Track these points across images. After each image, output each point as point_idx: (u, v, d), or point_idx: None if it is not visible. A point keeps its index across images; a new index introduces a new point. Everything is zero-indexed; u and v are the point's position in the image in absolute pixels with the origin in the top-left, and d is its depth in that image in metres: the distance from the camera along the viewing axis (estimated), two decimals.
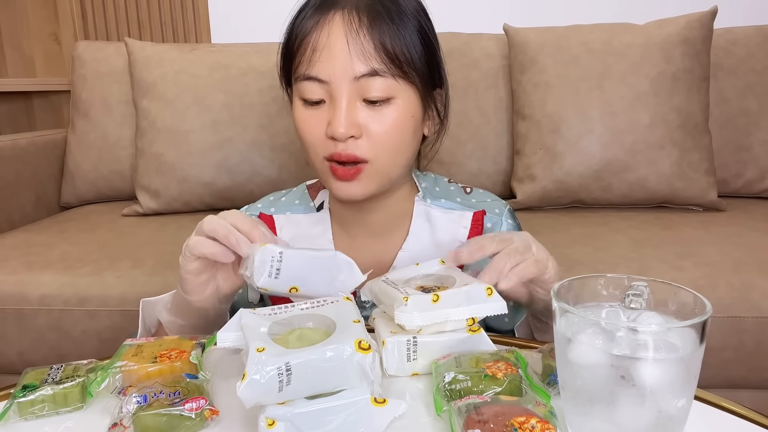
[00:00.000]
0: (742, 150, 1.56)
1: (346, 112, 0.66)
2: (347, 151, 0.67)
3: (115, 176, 1.69)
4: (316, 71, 0.67)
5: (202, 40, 2.03)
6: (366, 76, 0.66)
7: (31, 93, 2.01)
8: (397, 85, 0.67)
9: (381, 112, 0.68)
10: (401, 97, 0.68)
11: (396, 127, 0.69)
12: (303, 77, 0.68)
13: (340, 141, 0.67)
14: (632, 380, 0.39)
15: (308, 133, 0.70)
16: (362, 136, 0.67)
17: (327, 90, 0.67)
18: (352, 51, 0.65)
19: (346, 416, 0.44)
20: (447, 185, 0.84)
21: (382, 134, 0.68)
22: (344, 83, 0.66)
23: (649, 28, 1.50)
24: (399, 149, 0.71)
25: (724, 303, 1.05)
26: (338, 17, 0.66)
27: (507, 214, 0.81)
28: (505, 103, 1.60)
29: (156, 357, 0.54)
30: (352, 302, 0.52)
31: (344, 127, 0.66)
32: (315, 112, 0.69)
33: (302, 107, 0.70)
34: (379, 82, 0.66)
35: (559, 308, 0.43)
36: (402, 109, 0.69)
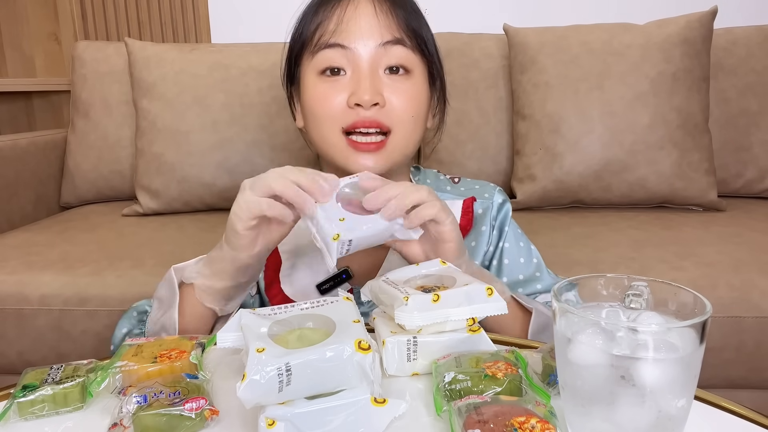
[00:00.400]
0: (742, 150, 1.56)
1: (371, 79, 0.69)
2: (374, 117, 0.69)
3: (115, 176, 1.69)
4: (342, 38, 0.69)
5: (202, 40, 2.03)
6: (390, 43, 0.69)
7: (31, 93, 2.01)
8: (415, 58, 0.72)
9: (401, 83, 0.71)
10: (417, 71, 0.72)
11: (414, 99, 0.71)
12: (325, 45, 0.70)
13: (365, 108, 0.68)
14: (632, 380, 0.39)
15: (326, 105, 0.71)
16: (385, 105, 0.70)
17: (350, 59, 0.70)
18: (381, 20, 0.69)
19: (346, 416, 0.44)
20: (436, 176, 0.86)
21: (402, 105, 0.70)
22: (369, 51, 0.69)
23: (649, 28, 1.50)
24: (416, 123, 0.73)
25: (724, 303, 1.05)
26: (363, 2, 0.71)
27: (497, 194, 0.83)
28: (505, 103, 1.60)
29: (156, 357, 0.54)
30: (351, 302, 0.52)
31: (370, 93, 0.68)
32: (333, 83, 0.71)
33: (318, 80, 0.72)
34: (401, 50, 0.70)
35: (559, 308, 0.43)
36: (419, 83, 0.72)
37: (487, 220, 0.80)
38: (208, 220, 1.49)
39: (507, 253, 0.81)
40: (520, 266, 0.81)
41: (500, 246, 0.81)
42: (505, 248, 0.81)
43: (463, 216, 0.80)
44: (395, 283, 0.59)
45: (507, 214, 0.82)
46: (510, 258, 0.81)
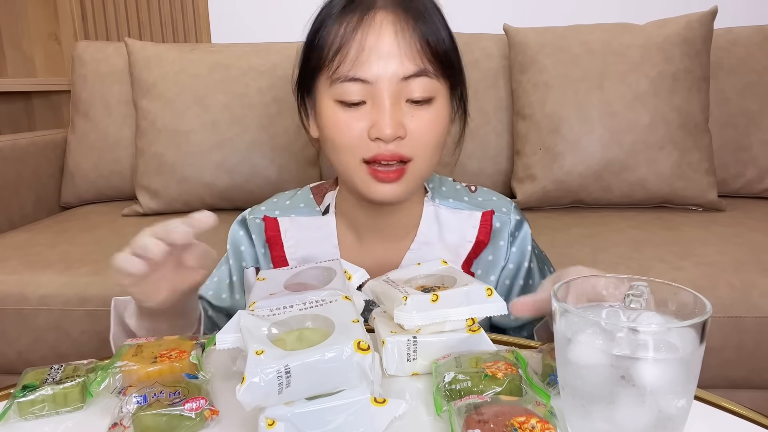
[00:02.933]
0: (742, 150, 1.56)
1: (392, 112, 0.66)
2: (396, 150, 0.67)
3: (115, 176, 1.69)
4: (362, 72, 0.66)
5: (202, 40, 2.03)
6: (413, 77, 0.66)
7: (31, 93, 2.01)
8: (438, 85, 0.69)
9: (423, 112, 0.68)
10: (440, 97, 0.69)
11: (435, 126, 0.69)
12: (345, 78, 0.66)
13: (386, 142, 0.66)
14: (632, 380, 0.39)
15: (346, 135, 0.68)
16: (407, 136, 0.67)
17: (369, 91, 0.66)
18: (403, 51, 0.65)
19: (346, 416, 0.44)
20: (452, 184, 0.84)
21: (423, 134, 0.68)
22: (392, 84, 0.66)
23: (649, 28, 1.50)
24: (436, 149, 0.71)
25: (724, 303, 1.05)
26: (381, 17, 0.66)
27: (514, 211, 0.81)
28: (505, 103, 1.60)
29: (156, 357, 0.54)
30: (351, 302, 0.51)
31: (391, 128, 0.65)
32: (354, 113, 0.67)
33: (338, 109, 0.68)
34: (425, 82, 0.67)
35: (559, 308, 0.43)
36: (440, 109, 0.70)
37: (505, 235, 0.79)
38: None
39: (534, 273, 0.81)
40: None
41: (526, 266, 0.80)
42: (532, 269, 0.80)
43: (482, 229, 0.79)
44: (396, 282, 0.59)
45: (527, 236, 0.81)
46: (535, 280, 0.81)
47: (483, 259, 0.79)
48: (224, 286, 0.84)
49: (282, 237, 0.81)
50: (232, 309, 0.83)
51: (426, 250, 0.78)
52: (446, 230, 0.79)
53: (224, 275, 0.84)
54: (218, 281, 0.84)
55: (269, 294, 0.56)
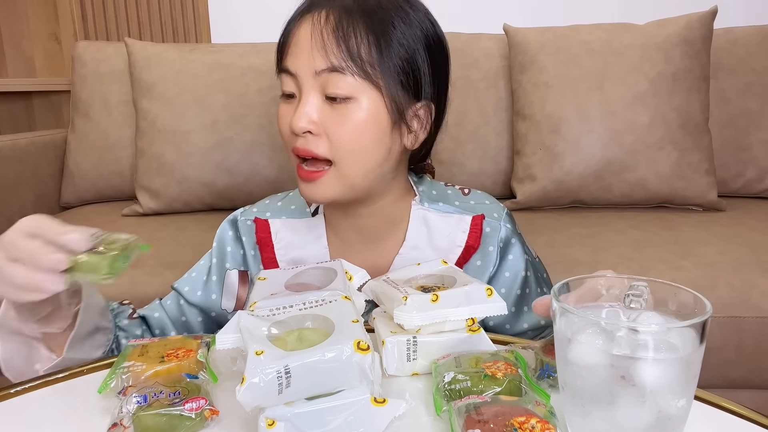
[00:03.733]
0: (742, 150, 1.56)
1: (305, 107, 0.67)
2: (306, 146, 0.68)
3: (115, 176, 1.69)
4: (287, 64, 0.69)
5: (202, 40, 2.03)
6: (326, 72, 0.67)
7: (31, 93, 2.01)
8: (359, 85, 0.67)
9: (341, 111, 0.67)
10: (364, 99, 0.67)
11: (356, 128, 0.68)
12: (280, 69, 0.71)
13: (299, 135, 0.68)
14: (632, 380, 0.39)
15: (281, 127, 0.72)
16: (321, 134, 0.68)
17: (297, 84, 0.69)
18: (314, 46, 0.67)
19: (346, 416, 0.44)
20: (444, 188, 0.83)
21: (341, 135, 0.67)
22: (308, 77, 0.68)
23: (649, 28, 1.50)
24: (360, 154, 0.69)
25: (724, 303, 1.05)
26: (309, 16, 0.69)
27: (505, 218, 0.80)
28: (505, 103, 1.60)
29: (163, 356, 0.54)
30: (351, 302, 0.51)
31: (301, 121, 0.67)
32: (288, 106, 0.71)
33: (281, 101, 0.72)
34: (339, 78, 0.67)
35: (559, 308, 0.43)
36: (364, 111, 0.68)
37: (494, 241, 0.78)
38: (208, 220, 1.49)
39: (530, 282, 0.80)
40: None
41: (523, 275, 0.79)
42: (528, 277, 0.80)
43: (472, 233, 0.78)
44: (396, 282, 0.59)
45: (522, 244, 0.80)
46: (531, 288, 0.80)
47: (472, 264, 0.78)
48: (200, 282, 0.83)
49: (273, 239, 0.81)
50: (206, 307, 0.82)
51: (415, 254, 0.78)
52: (435, 234, 0.78)
53: (203, 272, 0.84)
54: (196, 277, 0.84)
55: (270, 294, 0.56)
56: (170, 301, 0.83)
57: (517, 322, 0.79)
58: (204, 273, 0.84)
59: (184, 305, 0.82)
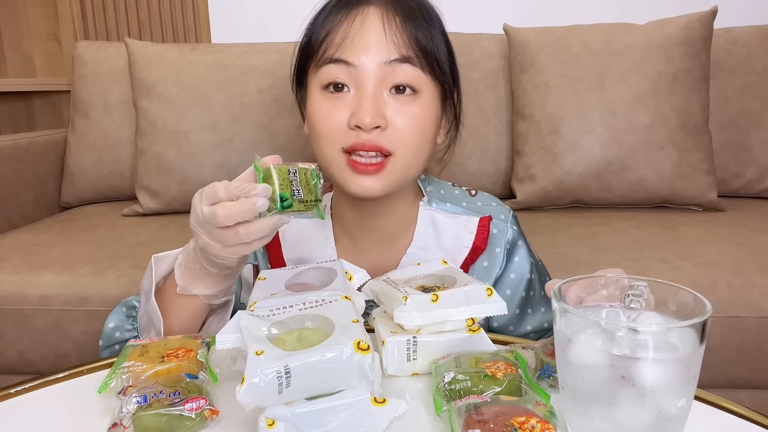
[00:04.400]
0: (742, 150, 1.56)
1: (375, 101, 0.66)
2: (372, 141, 0.66)
3: (115, 176, 1.68)
4: (346, 54, 0.66)
5: (202, 40, 2.03)
6: (397, 62, 0.66)
7: (31, 93, 2.01)
8: (424, 78, 0.68)
9: (407, 105, 0.68)
10: (426, 92, 0.69)
11: (420, 122, 0.68)
12: (329, 60, 0.67)
13: (366, 131, 0.66)
14: (632, 380, 0.39)
15: (327, 122, 0.68)
16: (387, 128, 0.67)
17: (353, 76, 0.67)
18: (388, 38, 0.66)
19: (346, 416, 0.44)
20: (452, 189, 0.83)
21: (406, 128, 0.67)
22: (374, 69, 0.66)
23: (649, 28, 1.50)
24: (421, 146, 0.70)
25: (724, 303, 1.05)
26: (373, 10, 0.68)
27: (512, 220, 0.80)
28: (505, 103, 1.60)
29: (163, 356, 0.54)
30: (350, 302, 0.51)
31: (371, 116, 0.65)
32: (336, 101, 0.68)
33: (321, 96, 0.69)
34: (409, 69, 0.67)
35: (559, 308, 0.43)
36: (426, 105, 0.69)
37: (501, 243, 0.79)
38: None
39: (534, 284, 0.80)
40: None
41: (527, 277, 0.80)
42: (533, 279, 0.80)
43: (479, 234, 0.78)
44: (396, 282, 0.59)
45: (528, 247, 0.80)
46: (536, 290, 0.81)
47: (479, 265, 0.79)
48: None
49: (280, 238, 0.81)
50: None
51: (422, 254, 0.78)
52: (443, 235, 0.78)
53: None
54: None
55: (270, 294, 0.56)
56: None
57: (521, 324, 0.79)
58: None
59: None
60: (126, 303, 0.76)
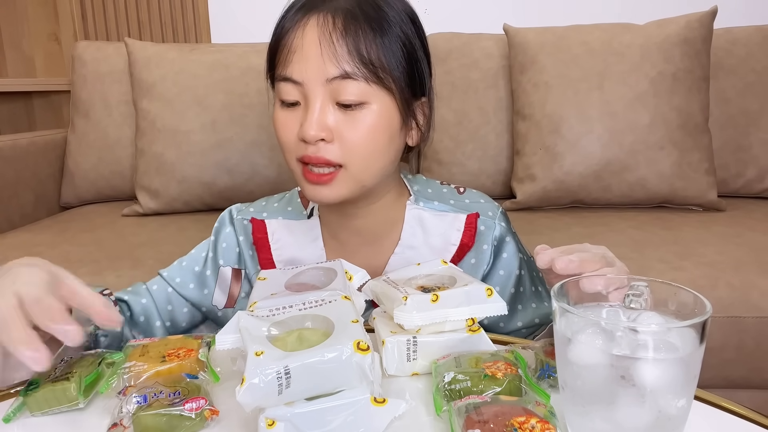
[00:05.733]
0: (742, 150, 1.56)
1: (318, 115, 0.66)
2: (317, 154, 0.67)
3: (115, 176, 1.69)
4: (290, 72, 0.67)
5: (202, 40, 2.03)
6: (338, 79, 0.65)
7: (31, 93, 2.01)
8: (371, 90, 0.67)
9: (354, 116, 0.67)
10: (376, 102, 0.67)
11: (369, 132, 0.68)
12: (280, 78, 0.68)
13: (311, 144, 0.66)
14: (632, 380, 0.39)
15: (283, 135, 0.69)
16: (333, 140, 0.67)
17: (302, 92, 0.67)
18: (324, 53, 0.65)
19: (346, 416, 0.44)
20: (439, 187, 0.83)
21: (355, 139, 0.67)
22: (317, 85, 0.66)
23: (649, 28, 1.50)
24: (373, 156, 0.69)
25: (724, 303, 1.05)
26: (313, 20, 0.66)
27: (500, 216, 0.80)
28: (505, 103, 1.60)
29: (164, 356, 0.54)
30: (350, 302, 0.51)
31: (314, 129, 0.65)
32: (290, 113, 0.69)
33: (279, 108, 0.70)
34: (351, 85, 0.66)
35: (559, 308, 0.43)
36: (377, 115, 0.68)
37: (489, 240, 0.78)
38: (208, 220, 1.48)
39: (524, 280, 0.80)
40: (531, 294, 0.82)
41: (517, 273, 0.80)
42: (522, 275, 0.80)
43: (466, 232, 0.78)
44: (396, 282, 0.59)
45: (516, 243, 0.80)
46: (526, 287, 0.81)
47: (466, 262, 0.78)
48: (192, 274, 0.82)
49: (269, 239, 0.81)
50: (196, 301, 0.82)
51: (410, 254, 0.78)
52: (430, 233, 0.78)
53: (195, 263, 0.83)
54: (186, 267, 0.82)
55: (269, 294, 0.56)
56: (157, 287, 0.81)
57: (512, 321, 0.79)
58: (197, 264, 0.83)
59: (172, 294, 0.81)
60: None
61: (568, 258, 0.53)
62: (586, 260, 0.53)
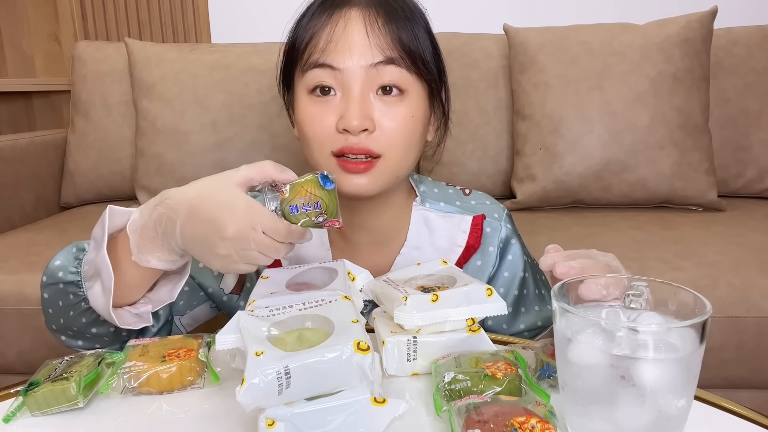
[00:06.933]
0: (742, 150, 1.56)
1: (361, 103, 0.65)
2: (360, 144, 0.66)
3: (115, 176, 1.69)
4: (330, 59, 0.66)
5: (202, 40, 2.03)
6: (381, 64, 0.66)
7: (31, 93, 2.01)
8: (410, 78, 0.68)
9: (394, 107, 0.67)
10: (413, 93, 0.69)
11: (408, 122, 0.68)
12: (315, 65, 0.67)
13: (354, 134, 0.66)
14: (632, 380, 0.39)
15: (316, 127, 0.68)
16: (375, 130, 0.67)
17: (339, 80, 0.67)
18: (372, 41, 0.66)
19: (346, 416, 0.44)
20: (445, 188, 0.83)
21: (394, 129, 0.67)
22: (359, 72, 0.66)
23: (649, 28, 1.50)
24: (409, 146, 0.70)
25: (724, 303, 1.05)
26: (355, 12, 0.67)
27: (506, 218, 0.80)
28: (505, 103, 1.60)
29: (164, 356, 0.54)
30: (350, 302, 0.51)
31: (359, 119, 0.65)
32: (323, 105, 0.68)
33: (309, 101, 0.69)
34: (394, 70, 0.67)
35: (559, 308, 0.43)
36: (414, 105, 0.69)
37: (495, 241, 0.79)
38: None
39: (528, 282, 0.81)
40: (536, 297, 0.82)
41: (521, 276, 0.80)
42: (526, 278, 0.80)
43: (472, 233, 0.78)
44: (396, 282, 0.59)
45: (521, 246, 0.80)
46: (529, 289, 0.81)
47: (472, 264, 0.79)
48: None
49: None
50: (203, 284, 0.81)
51: (416, 254, 0.78)
52: (436, 234, 0.78)
53: None
54: None
55: (270, 293, 0.56)
56: None
57: (515, 323, 0.79)
58: None
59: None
60: (78, 245, 0.73)
61: (569, 264, 0.53)
62: (587, 267, 0.53)
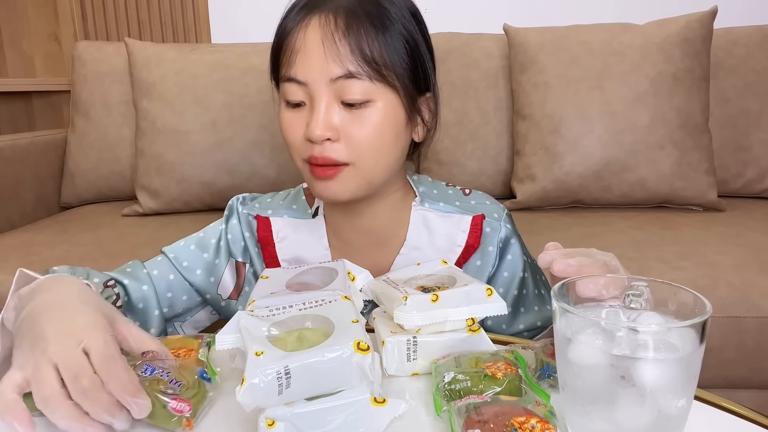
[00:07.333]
0: (742, 150, 1.56)
1: (323, 114, 0.66)
2: (323, 153, 0.67)
3: (115, 176, 1.69)
4: (294, 72, 0.67)
5: (202, 40, 2.03)
6: (342, 78, 0.65)
7: (31, 93, 2.01)
8: (375, 88, 0.67)
9: (360, 115, 0.67)
10: (381, 100, 0.68)
11: (375, 130, 0.68)
12: (284, 78, 0.69)
13: (317, 143, 0.67)
14: (632, 380, 0.39)
15: (289, 135, 0.70)
16: (339, 139, 0.67)
17: (306, 92, 0.67)
18: (327, 54, 0.65)
19: (346, 416, 0.44)
20: (445, 188, 0.83)
21: (361, 137, 0.67)
22: (321, 85, 0.66)
23: (649, 28, 1.50)
24: (379, 153, 0.70)
25: (724, 303, 1.05)
26: (315, 20, 0.66)
27: (506, 218, 0.80)
28: (505, 103, 1.60)
29: None
30: (350, 302, 0.51)
31: (320, 129, 0.66)
32: (296, 113, 0.69)
33: (285, 108, 0.70)
34: (356, 84, 0.66)
35: (559, 308, 0.43)
36: (382, 112, 0.68)
37: (494, 241, 0.78)
38: (208, 220, 1.48)
39: (527, 282, 0.80)
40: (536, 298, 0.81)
41: (520, 276, 0.80)
42: (526, 278, 0.80)
43: (472, 233, 0.78)
44: (396, 282, 0.59)
45: (521, 246, 0.80)
46: (529, 289, 0.81)
47: (472, 264, 0.78)
48: (200, 261, 0.80)
49: (274, 237, 0.81)
50: (202, 288, 0.80)
51: (416, 254, 0.78)
52: (436, 234, 0.78)
53: (203, 249, 0.81)
54: (195, 253, 0.81)
55: (269, 293, 0.56)
56: (158, 272, 0.78)
57: (514, 323, 0.79)
58: (206, 251, 0.81)
59: (173, 281, 0.79)
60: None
61: (566, 261, 0.53)
62: (585, 265, 0.53)
